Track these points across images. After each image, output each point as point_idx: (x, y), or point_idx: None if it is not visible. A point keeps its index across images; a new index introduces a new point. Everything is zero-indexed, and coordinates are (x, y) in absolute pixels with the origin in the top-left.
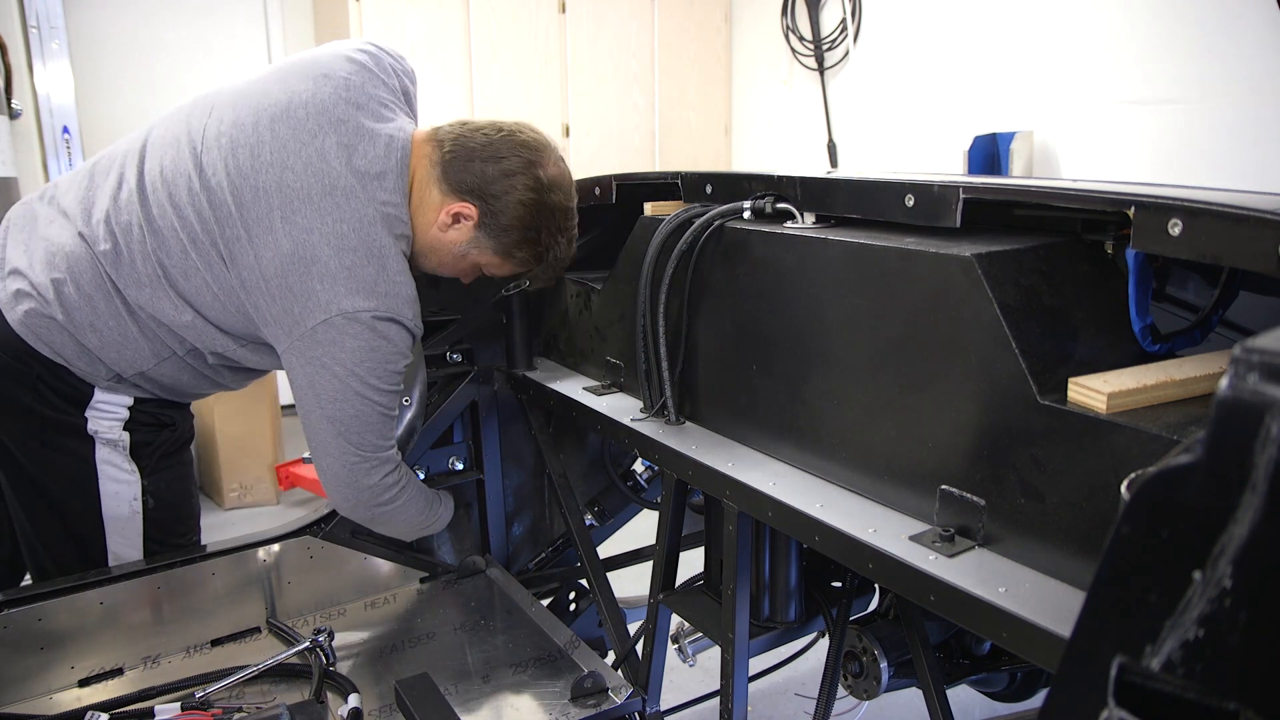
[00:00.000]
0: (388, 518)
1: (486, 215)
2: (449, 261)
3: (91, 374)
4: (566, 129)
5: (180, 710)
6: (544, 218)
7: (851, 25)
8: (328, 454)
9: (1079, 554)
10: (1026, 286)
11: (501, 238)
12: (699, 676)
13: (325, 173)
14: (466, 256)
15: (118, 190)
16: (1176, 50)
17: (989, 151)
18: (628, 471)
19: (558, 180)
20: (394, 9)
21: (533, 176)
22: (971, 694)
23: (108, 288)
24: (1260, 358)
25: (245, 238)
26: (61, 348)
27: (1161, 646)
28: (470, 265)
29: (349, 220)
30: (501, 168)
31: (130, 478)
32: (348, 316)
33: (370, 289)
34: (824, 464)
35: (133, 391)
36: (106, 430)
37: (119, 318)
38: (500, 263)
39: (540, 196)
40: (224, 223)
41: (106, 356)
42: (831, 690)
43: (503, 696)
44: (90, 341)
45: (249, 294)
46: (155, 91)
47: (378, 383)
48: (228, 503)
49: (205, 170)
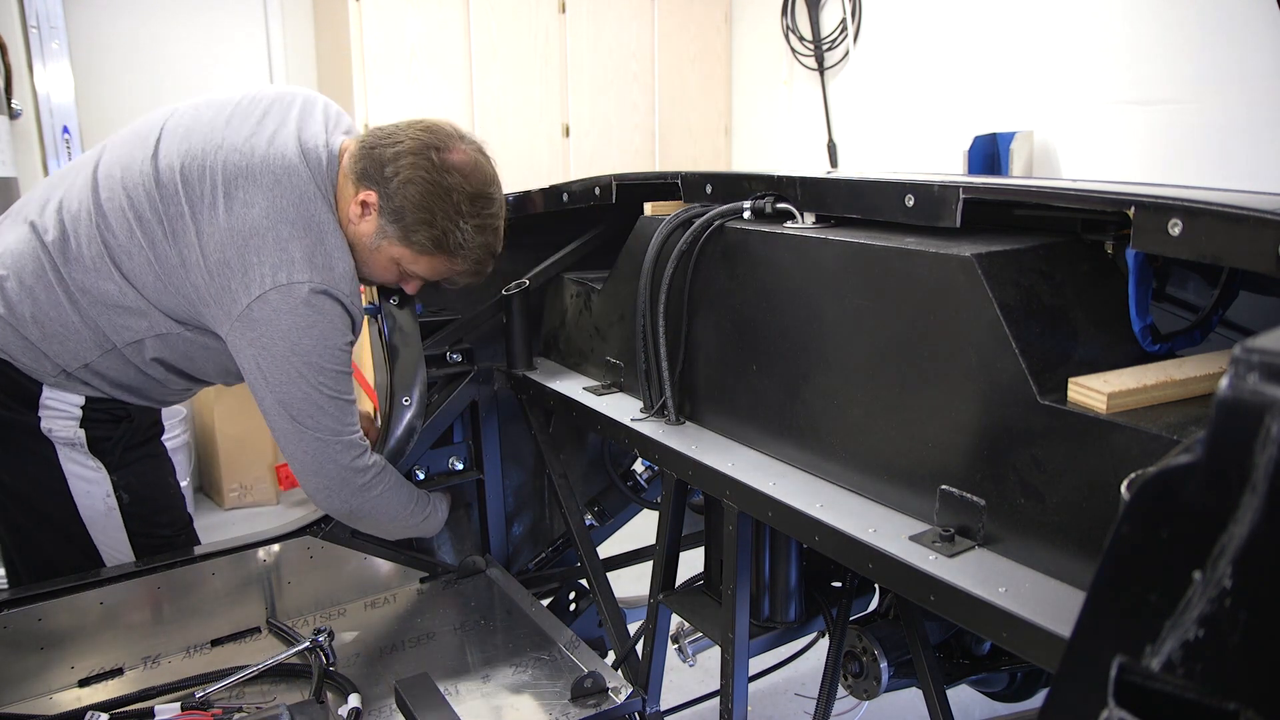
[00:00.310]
0: (368, 508)
1: (384, 199)
2: (367, 258)
3: (37, 370)
4: (566, 129)
5: (180, 710)
6: (438, 199)
7: (851, 25)
8: (289, 441)
9: (1079, 554)
10: (1026, 286)
11: (399, 222)
12: (699, 676)
13: (269, 153)
14: (380, 249)
15: (72, 183)
16: (1176, 50)
17: (989, 151)
18: (628, 471)
19: (458, 164)
20: (394, 9)
21: (425, 157)
22: (971, 694)
23: (49, 279)
24: (1260, 358)
25: (188, 213)
26: (5, 343)
27: (1161, 646)
28: (386, 260)
29: (288, 195)
30: (396, 150)
31: (97, 475)
32: (281, 290)
33: (306, 261)
34: (824, 464)
35: (82, 390)
36: (61, 429)
37: (59, 308)
38: (408, 253)
39: (432, 175)
40: (169, 200)
41: (49, 349)
42: (831, 690)
43: (503, 696)
44: (32, 334)
45: (189, 272)
46: (155, 91)
47: (320, 361)
48: (228, 503)
49: (159, 155)
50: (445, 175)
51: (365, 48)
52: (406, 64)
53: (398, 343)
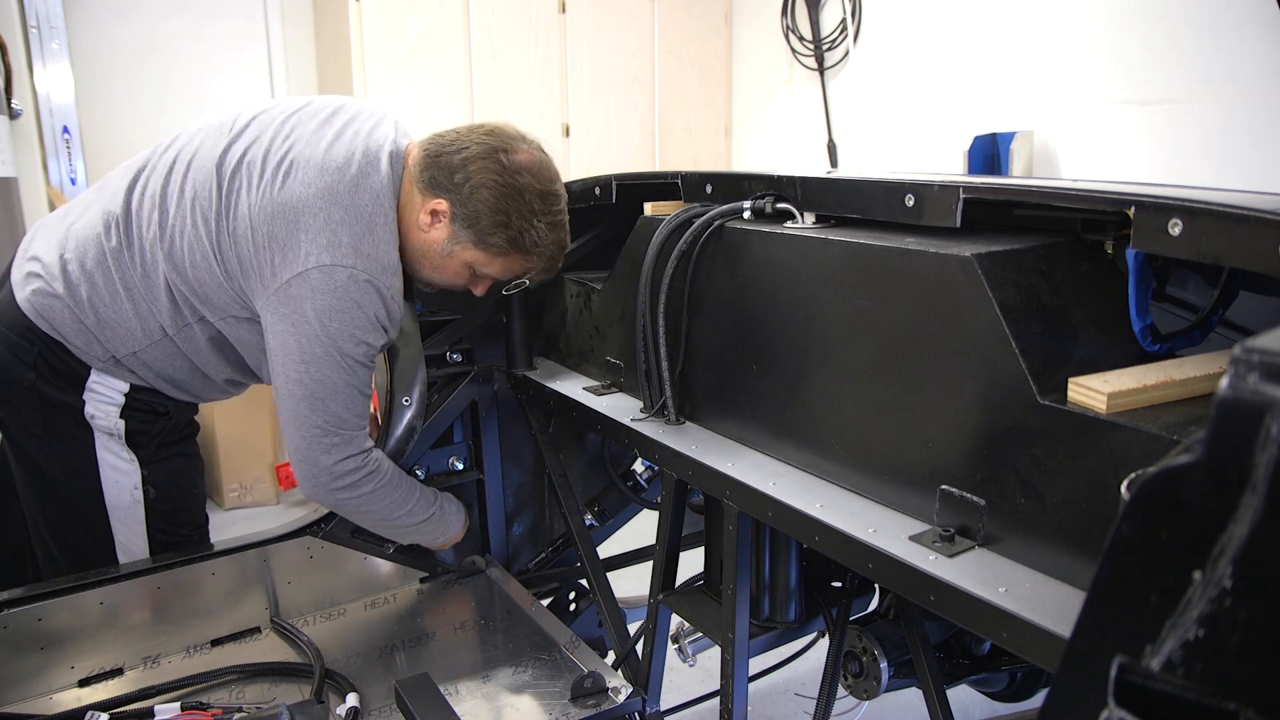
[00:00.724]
0: (352, 505)
1: (457, 205)
2: (440, 264)
3: (88, 353)
4: (566, 129)
5: (180, 710)
6: (511, 200)
7: (851, 25)
8: (290, 422)
9: (1079, 554)
10: (1026, 286)
11: (474, 226)
12: (699, 676)
13: (335, 144)
14: (453, 255)
15: (140, 171)
16: (1176, 50)
17: (989, 151)
18: (628, 471)
19: (527, 165)
20: (394, 9)
21: (494, 160)
22: (971, 694)
23: (108, 264)
24: (1260, 358)
25: (244, 189)
26: (61, 325)
27: (1161, 646)
28: (460, 265)
29: (346, 183)
30: (464, 156)
31: (129, 466)
32: (324, 270)
33: (353, 247)
34: (824, 464)
35: (128, 377)
36: (103, 416)
37: (115, 294)
38: (484, 256)
39: (504, 178)
40: (228, 179)
41: (102, 335)
42: (831, 690)
43: (503, 696)
44: (88, 319)
45: (237, 244)
46: (155, 92)
47: (348, 346)
48: (228, 503)
49: (230, 143)
50: (516, 176)
51: (365, 48)
52: (406, 64)
53: (398, 343)
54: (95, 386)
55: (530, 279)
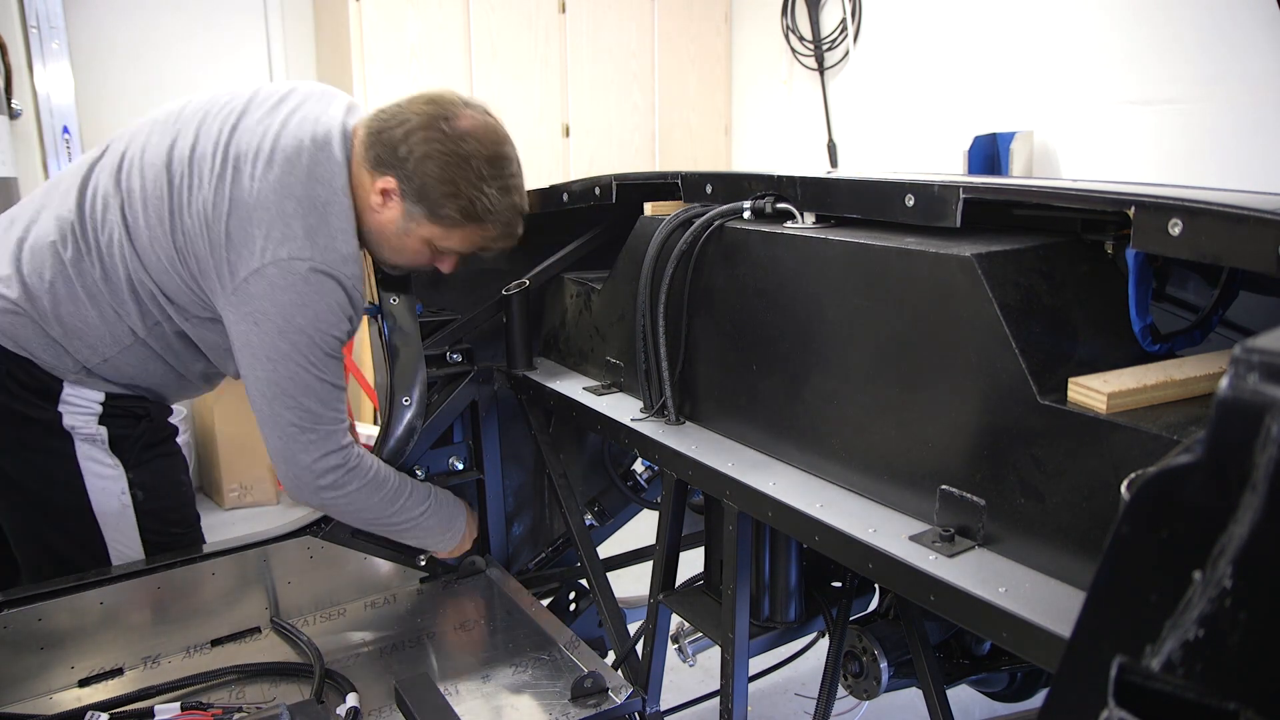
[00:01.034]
0: (338, 504)
1: (404, 181)
2: (399, 244)
3: (58, 366)
4: (566, 129)
5: (180, 710)
6: (457, 168)
7: (851, 25)
8: (265, 422)
9: (1079, 554)
10: (1026, 286)
11: (424, 200)
12: (699, 676)
13: (282, 133)
14: (409, 233)
15: (89, 173)
16: (1176, 50)
17: (989, 151)
18: (628, 471)
19: (470, 130)
20: (394, 9)
21: (435, 129)
22: (971, 694)
23: (68, 272)
24: (1260, 358)
25: (197, 186)
26: (26, 341)
27: (1161, 646)
28: (418, 243)
29: (296, 173)
30: (405, 129)
31: (114, 472)
32: (281, 266)
33: (309, 239)
34: (824, 464)
35: (102, 386)
36: (83, 425)
37: (78, 302)
38: (440, 230)
39: (447, 146)
40: (180, 176)
41: (70, 345)
42: (831, 690)
43: (503, 696)
44: (54, 330)
45: (192, 243)
46: (155, 92)
47: (312, 339)
48: (228, 503)
49: (177, 138)
50: (460, 143)
51: (365, 48)
52: (406, 64)
53: (398, 343)
54: (70, 399)
55: (493, 250)
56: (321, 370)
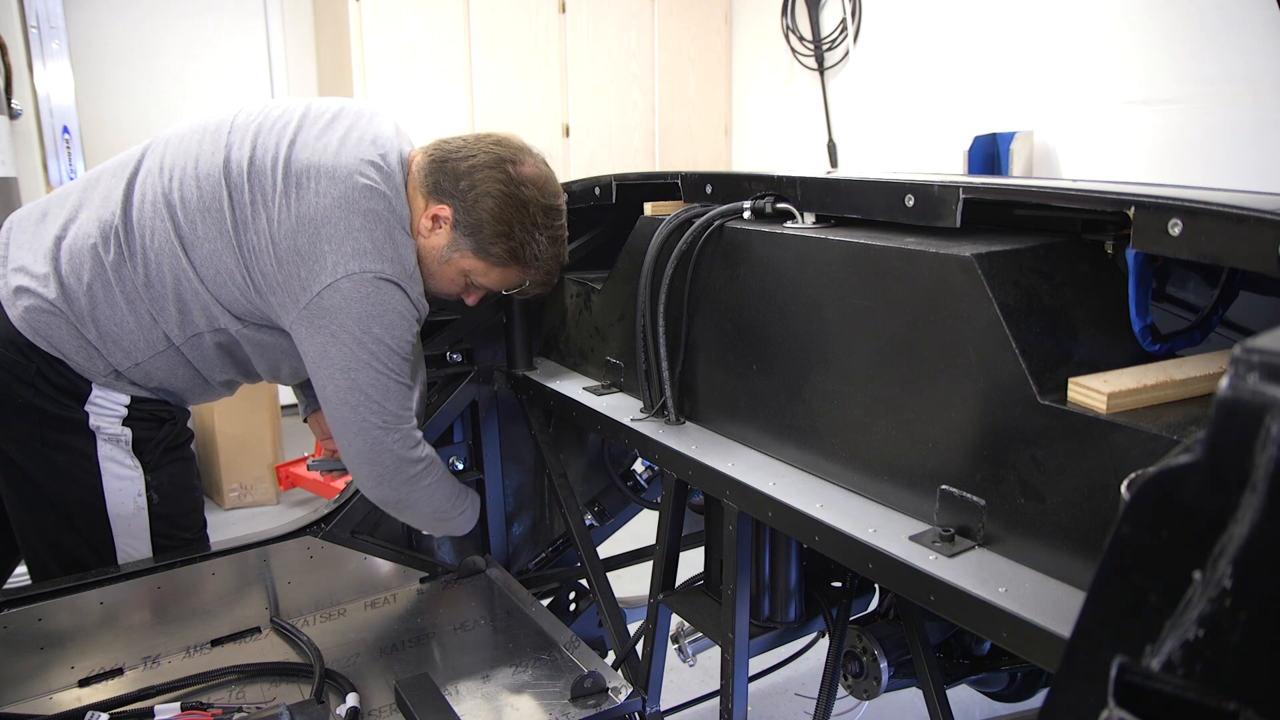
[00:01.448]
0: (416, 498)
1: (460, 212)
2: (436, 271)
3: (89, 369)
4: (566, 129)
5: (180, 710)
6: (515, 211)
7: (851, 25)
8: (347, 428)
9: (1079, 554)
10: (1026, 286)
11: (476, 235)
12: (699, 676)
13: (341, 150)
14: (451, 262)
15: (134, 176)
16: (1176, 50)
17: (989, 151)
18: (628, 471)
19: (533, 177)
20: (394, 9)
21: (501, 170)
22: (971, 694)
23: (107, 276)
24: (1260, 358)
25: (259, 201)
26: (60, 342)
27: (1161, 646)
28: (456, 273)
29: (359, 189)
30: (471, 164)
31: (133, 474)
32: (353, 278)
33: (377, 252)
34: (824, 464)
35: (130, 390)
36: (109, 426)
37: (115, 306)
38: (482, 266)
39: (509, 189)
40: (239, 190)
41: (104, 348)
42: (831, 690)
43: (503, 696)
44: (89, 332)
45: (258, 260)
46: (155, 91)
47: (389, 344)
48: (228, 503)
49: (231, 148)
50: (521, 188)
51: (365, 48)
52: (406, 64)
53: None
54: (97, 400)
55: (527, 293)
56: (398, 374)
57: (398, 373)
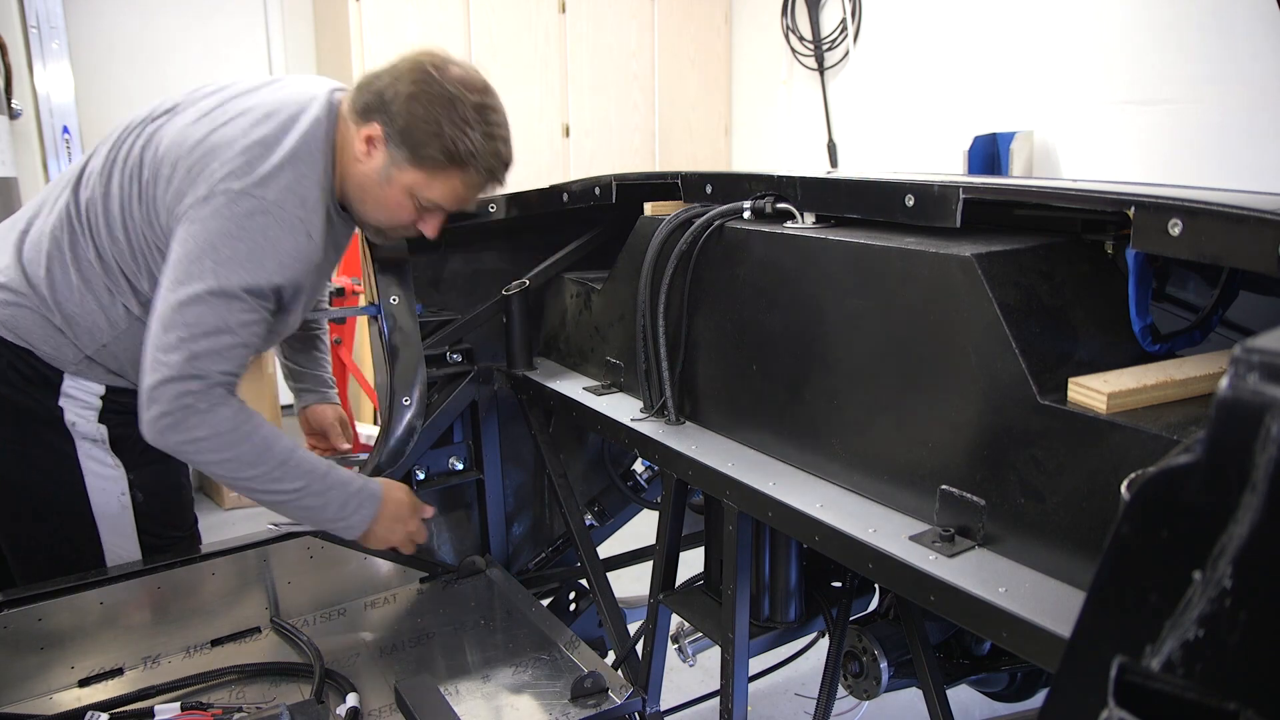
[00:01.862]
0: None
1: (389, 125)
2: (381, 196)
3: (58, 358)
4: (566, 129)
5: (180, 710)
6: (442, 107)
7: (851, 25)
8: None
9: (1079, 554)
10: (1026, 286)
11: (407, 143)
12: (699, 676)
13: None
14: (392, 181)
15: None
16: (1176, 50)
17: (989, 151)
18: (628, 471)
19: (459, 77)
20: (394, 9)
21: (422, 71)
22: (971, 694)
23: (65, 258)
24: (1260, 358)
25: (165, 122)
26: (28, 332)
27: (1161, 646)
28: (400, 193)
29: (273, 126)
30: (392, 75)
31: (115, 472)
32: (230, 195)
33: (267, 177)
34: (824, 464)
35: (103, 377)
36: (84, 422)
37: (73, 287)
38: (422, 177)
39: (434, 87)
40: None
41: (70, 332)
42: (831, 690)
43: (503, 696)
44: (55, 318)
45: (156, 183)
46: (155, 92)
47: (233, 279)
48: (228, 503)
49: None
50: (445, 86)
51: (365, 48)
52: None
53: (398, 343)
54: (70, 391)
55: (475, 202)
56: (229, 316)
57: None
